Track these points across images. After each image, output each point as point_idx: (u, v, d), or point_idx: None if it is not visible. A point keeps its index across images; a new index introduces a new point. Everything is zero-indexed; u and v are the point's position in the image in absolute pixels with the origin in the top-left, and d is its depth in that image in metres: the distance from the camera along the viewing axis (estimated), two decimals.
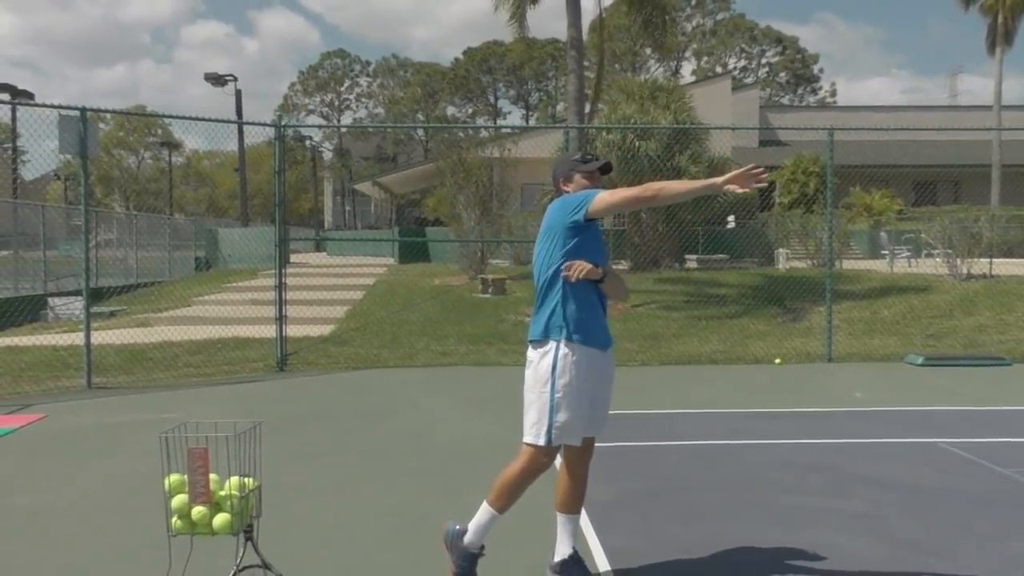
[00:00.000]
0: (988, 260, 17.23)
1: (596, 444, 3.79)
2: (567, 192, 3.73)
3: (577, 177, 3.73)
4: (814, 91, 67.98)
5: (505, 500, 3.62)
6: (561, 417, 3.48)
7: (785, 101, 64.48)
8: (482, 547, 3.70)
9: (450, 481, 5.42)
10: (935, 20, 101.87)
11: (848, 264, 20.58)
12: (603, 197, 3.49)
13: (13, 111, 31.14)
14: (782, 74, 67.61)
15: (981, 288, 14.92)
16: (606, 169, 3.75)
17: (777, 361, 10.71)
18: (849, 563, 4.00)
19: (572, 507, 3.71)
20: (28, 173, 43.50)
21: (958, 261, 16.75)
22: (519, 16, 17.08)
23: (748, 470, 5.66)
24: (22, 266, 17.79)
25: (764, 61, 67.92)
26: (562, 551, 3.71)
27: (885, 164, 29.28)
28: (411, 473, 5.64)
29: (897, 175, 29.75)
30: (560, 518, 3.73)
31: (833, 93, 68.66)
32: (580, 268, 3.50)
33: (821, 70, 68.57)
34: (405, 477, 5.54)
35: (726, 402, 8.21)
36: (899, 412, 7.66)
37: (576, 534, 3.79)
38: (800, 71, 67.12)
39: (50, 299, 15.54)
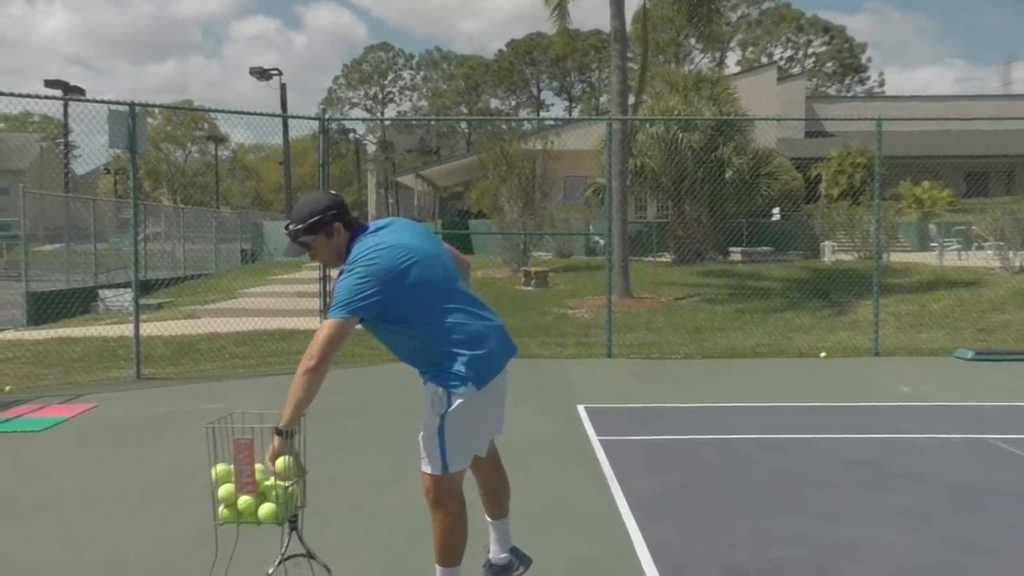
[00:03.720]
0: None
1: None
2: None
3: None
4: (862, 81, 66.73)
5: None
6: None
7: (832, 91, 63.42)
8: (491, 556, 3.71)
9: None
10: (990, 7, 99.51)
11: (896, 257, 20.22)
12: None
13: (65, 107, 31.88)
14: (829, 64, 66.50)
15: None
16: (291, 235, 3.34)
17: (823, 355, 10.56)
18: (895, 560, 3.94)
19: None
20: (80, 168, 44.48)
21: (1010, 254, 16.37)
22: (562, 8, 17.04)
23: (792, 465, 5.60)
24: (74, 259, 18.19)
25: (811, 51, 66.90)
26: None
27: (935, 155, 28.66)
28: None
29: (947, 166, 29.07)
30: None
31: (881, 83, 67.43)
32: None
33: (869, 60, 67.33)
34: None
35: (770, 396, 8.12)
36: (948, 407, 7.52)
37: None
38: (848, 61, 65.93)
39: (100, 291, 15.87)
